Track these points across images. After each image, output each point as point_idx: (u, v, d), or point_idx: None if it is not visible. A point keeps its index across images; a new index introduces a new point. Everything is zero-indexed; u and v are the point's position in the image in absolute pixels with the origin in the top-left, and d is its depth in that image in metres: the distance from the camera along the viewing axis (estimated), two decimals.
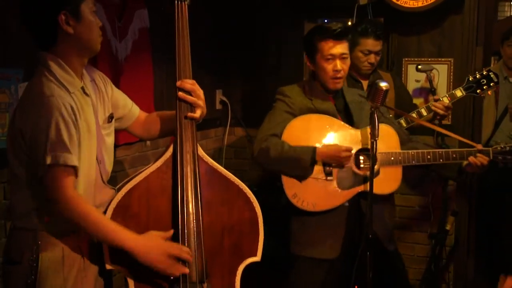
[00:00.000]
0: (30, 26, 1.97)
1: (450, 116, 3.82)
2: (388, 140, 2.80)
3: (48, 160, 1.84)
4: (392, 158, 2.78)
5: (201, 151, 2.17)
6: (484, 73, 3.29)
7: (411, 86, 3.91)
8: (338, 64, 2.78)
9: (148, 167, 2.14)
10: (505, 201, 4.10)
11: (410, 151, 2.80)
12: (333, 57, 2.78)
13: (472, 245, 4.00)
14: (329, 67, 2.79)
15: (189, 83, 2.15)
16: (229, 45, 4.25)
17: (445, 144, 3.60)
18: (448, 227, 3.61)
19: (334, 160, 2.74)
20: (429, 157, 2.80)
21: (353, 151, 2.76)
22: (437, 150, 2.82)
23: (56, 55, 1.96)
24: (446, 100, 3.31)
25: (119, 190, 2.09)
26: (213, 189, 2.17)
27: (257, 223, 2.21)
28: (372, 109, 2.59)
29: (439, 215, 3.76)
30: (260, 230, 2.21)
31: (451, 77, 3.78)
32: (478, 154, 2.78)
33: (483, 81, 3.28)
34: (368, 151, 2.75)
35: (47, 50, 1.97)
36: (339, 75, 2.80)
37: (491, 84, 3.29)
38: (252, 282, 2.38)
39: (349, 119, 2.86)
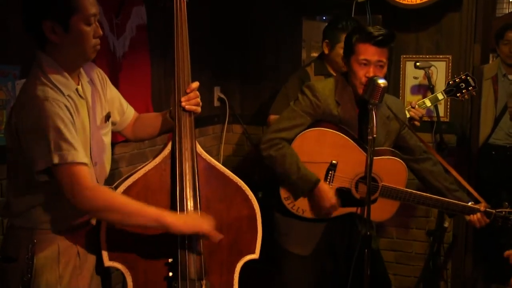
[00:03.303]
0: (24, 23, 1.94)
1: (448, 113, 3.83)
2: (396, 175, 2.78)
3: (56, 160, 1.82)
4: (395, 194, 2.78)
5: (199, 148, 2.17)
6: (462, 77, 3.35)
7: (410, 83, 3.91)
8: (372, 71, 2.62)
9: (146, 164, 2.13)
10: (502, 198, 4.10)
11: (414, 192, 2.78)
12: (368, 62, 2.62)
13: (469, 242, 4.00)
14: (361, 72, 2.64)
15: (194, 92, 2.16)
16: (227, 42, 4.24)
17: (444, 143, 3.60)
18: (446, 224, 3.61)
19: (319, 202, 2.75)
20: (430, 203, 2.81)
21: (355, 180, 2.76)
22: (440, 198, 2.81)
23: (50, 56, 1.93)
24: (428, 102, 3.35)
25: (117, 187, 2.09)
26: (212, 186, 2.17)
27: (256, 220, 2.20)
28: (370, 106, 2.58)
29: (437, 212, 3.76)
30: (259, 228, 2.21)
31: (449, 74, 3.77)
32: (481, 216, 2.79)
33: (462, 85, 3.35)
34: (373, 181, 2.73)
35: (42, 49, 1.94)
36: None
37: (470, 88, 3.35)
38: (250, 279, 2.37)
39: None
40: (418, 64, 3.64)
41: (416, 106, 3.29)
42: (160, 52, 3.47)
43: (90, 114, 2.04)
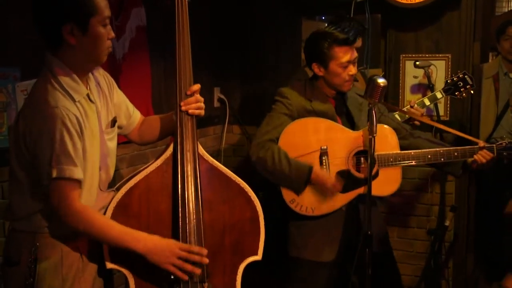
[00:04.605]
0: (38, 27, 1.93)
1: (448, 112, 3.83)
2: (386, 140, 2.78)
3: (54, 173, 1.84)
4: (392, 159, 2.78)
5: (201, 150, 2.16)
6: (460, 76, 3.35)
7: (409, 82, 3.91)
8: (353, 68, 2.77)
9: (148, 166, 2.12)
10: (504, 196, 4.10)
11: (409, 151, 2.79)
12: (349, 63, 2.76)
13: (471, 241, 4.00)
14: (344, 73, 2.77)
15: (195, 96, 2.15)
16: (228, 42, 4.24)
17: (443, 140, 3.60)
18: (447, 223, 3.61)
19: (320, 186, 2.74)
20: (429, 156, 2.80)
21: (351, 155, 2.76)
22: (438, 149, 2.81)
23: (62, 60, 1.93)
24: (426, 101, 3.36)
25: (118, 189, 2.08)
26: (214, 187, 2.16)
27: (258, 221, 2.20)
28: (370, 105, 2.58)
29: (438, 211, 3.76)
30: (261, 229, 2.20)
31: (449, 73, 3.78)
32: (483, 151, 2.78)
33: (460, 84, 3.35)
34: (366, 153, 2.75)
35: (53, 52, 1.94)
36: (352, 78, 2.80)
37: (467, 87, 3.35)
38: (253, 281, 2.37)
39: (351, 121, 2.85)
40: (417, 63, 3.65)
41: (415, 105, 3.30)
42: (160, 53, 3.47)
43: (98, 118, 2.04)
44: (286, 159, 2.69)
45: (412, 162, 2.80)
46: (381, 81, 2.56)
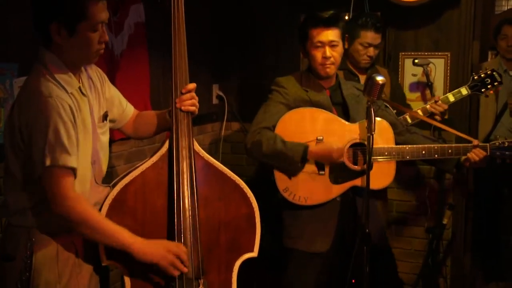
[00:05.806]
0: (32, 23, 1.96)
1: (447, 110, 3.81)
2: (381, 134, 2.78)
3: (47, 162, 1.84)
4: (386, 153, 2.78)
5: (197, 146, 2.16)
6: (488, 72, 3.27)
7: (408, 80, 3.90)
8: (328, 51, 2.76)
9: (144, 162, 2.13)
10: (501, 194, 4.10)
11: (404, 146, 2.80)
12: (322, 44, 2.76)
13: (469, 239, 4.00)
14: (318, 54, 2.78)
15: (190, 94, 2.16)
16: (227, 40, 4.23)
17: (442, 138, 3.59)
18: (445, 221, 3.61)
19: (325, 160, 2.74)
20: (423, 152, 2.80)
21: (346, 146, 2.76)
22: (432, 145, 2.81)
23: (55, 53, 1.94)
24: (451, 97, 3.31)
25: (114, 185, 2.09)
26: (210, 184, 2.16)
27: (254, 218, 2.20)
28: (369, 103, 2.58)
29: (436, 209, 3.76)
30: (257, 226, 2.21)
31: (448, 71, 3.77)
32: (476, 149, 2.78)
33: (487, 80, 3.27)
34: (361, 146, 2.75)
35: (47, 47, 1.95)
36: (328, 62, 2.78)
37: (495, 84, 3.28)
38: (248, 276, 2.37)
39: (346, 113, 2.86)
40: (416, 61, 3.63)
41: (439, 102, 3.28)
42: (159, 49, 3.46)
43: (91, 111, 2.04)
44: (280, 140, 2.71)
45: (406, 157, 2.80)
46: (380, 78, 2.56)
